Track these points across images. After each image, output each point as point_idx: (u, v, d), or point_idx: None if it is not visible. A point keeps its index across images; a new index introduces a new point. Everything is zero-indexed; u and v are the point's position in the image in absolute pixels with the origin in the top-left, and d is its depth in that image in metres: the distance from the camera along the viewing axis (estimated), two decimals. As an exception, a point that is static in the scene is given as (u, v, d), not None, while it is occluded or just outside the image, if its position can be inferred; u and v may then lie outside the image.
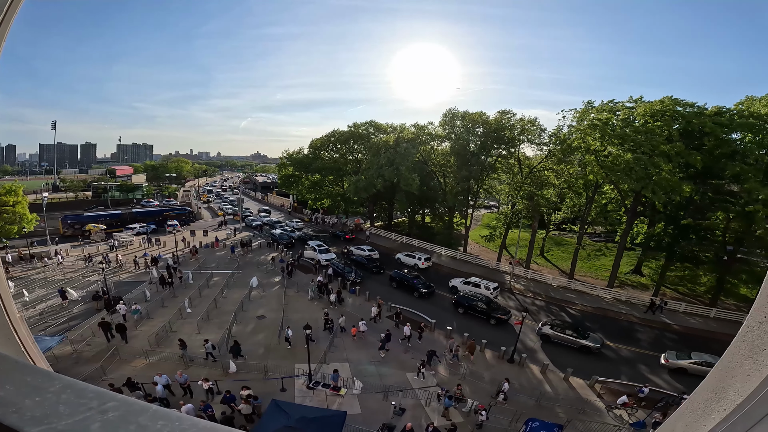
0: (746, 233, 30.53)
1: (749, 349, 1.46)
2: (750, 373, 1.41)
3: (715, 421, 1.49)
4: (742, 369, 1.46)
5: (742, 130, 29.86)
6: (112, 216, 58.53)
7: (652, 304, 31.06)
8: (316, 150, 62.85)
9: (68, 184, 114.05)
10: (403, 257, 41.51)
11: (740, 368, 1.47)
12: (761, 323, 1.42)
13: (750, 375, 1.40)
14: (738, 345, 1.52)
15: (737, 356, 1.53)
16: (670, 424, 1.91)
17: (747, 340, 1.48)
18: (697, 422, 1.61)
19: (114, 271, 36.17)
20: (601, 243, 51.11)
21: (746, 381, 1.41)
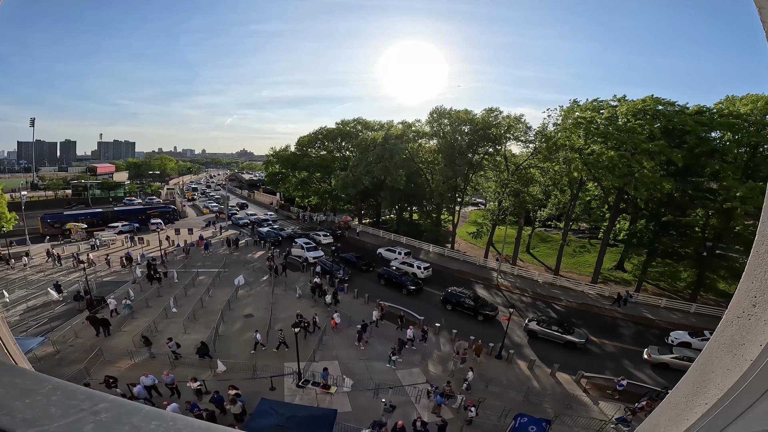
0: (725, 230, 31.41)
1: (728, 344, 1.49)
2: (730, 368, 1.44)
3: (697, 415, 1.55)
4: (722, 364, 1.50)
5: (722, 129, 30.72)
6: (93, 214, 57.07)
7: (618, 296, 32.04)
8: (303, 147, 62.44)
9: (48, 183, 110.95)
10: (384, 252, 42.54)
11: (720, 363, 1.51)
12: (740, 318, 1.45)
13: (730, 370, 1.44)
14: (717, 340, 1.56)
15: (717, 351, 1.57)
16: (654, 419, 1.95)
17: (726, 335, 1.51)
18: (680, 416, 1.67)
19: (95, 271, 35.36)
20: (585, 239, 52.04)
21: (726, 376, 1.44)
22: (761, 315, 1.35)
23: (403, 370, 20.77)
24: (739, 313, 1.45)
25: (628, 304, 31.65)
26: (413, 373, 20.57)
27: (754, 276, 1.38)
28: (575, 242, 50.54)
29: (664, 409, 1.81)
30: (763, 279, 1.33)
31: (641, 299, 32.99)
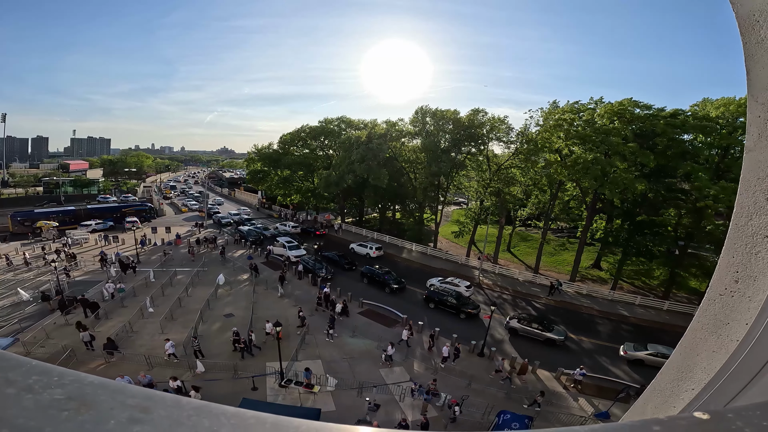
0: (696, 228, 32.53)
1: (712, 324, 1.45)
2: (715, 350, 1.40)
3: (685, 401, 1.51)
4: (707, 345, 1.45)
5: (694, 131, 31.79)
6: (65, 212, 55.07)
7: (551, 286, 33.76)
8: (285, 145, 61.66)
9: (18, 180, 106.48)
10: (356, 247, 43.47)
11: (705, 345, 1.47)
12: (722, 296, 1.40)
13: (715, 352, 1.40)
14: (700, 320, 1.52)
15: (700, 332, 1.52)
16: (639, 407, 1.87)
17: (709, 314, 1.47)
18: (666, 404, 1.63)
19: (67, 270, 34.10)
20: (563, 238, 53.14)
21: (712, 358, 1.41)
22: (745, 291, 1.31)
23: (385, 368, 20.74)
24: (722, 290, 1.41)
25: (561, 292, 33.74)
26: (396, 372, 20.57)
27: (735, 250, 1.35)
28: (554, 241, 51.55)
29: (649, 397, 1.78)
30: (744, 252, 1.31)
31: (569, 290, 34.82)
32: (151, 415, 0.51)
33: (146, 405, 0.52)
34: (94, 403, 0.52)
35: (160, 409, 0.52)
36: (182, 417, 0.51)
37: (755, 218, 1.26)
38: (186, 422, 0.50)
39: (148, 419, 0.50)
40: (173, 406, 0.53)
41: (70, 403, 0.52)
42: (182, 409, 0.52)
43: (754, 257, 1.28)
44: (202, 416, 0.51)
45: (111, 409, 0.51)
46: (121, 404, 0.52)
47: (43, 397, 0.53)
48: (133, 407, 0.52)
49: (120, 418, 0.49)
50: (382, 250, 43.27)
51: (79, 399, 0.53)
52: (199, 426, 0.49)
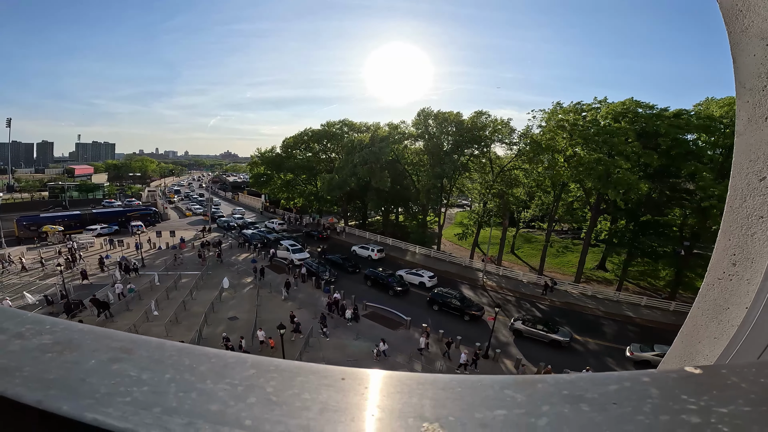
0: (702, 229, 32.30)
1: (712, 310, 1.44)
2: (716, 336, 1.39)
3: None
4: (708, 332, 1.45)
5: (698, 131, 31.66)
6: (70, 217, 55.46)
7: (545, 285, 34.02)
8: (288, 149, 61.92)
9: (24, 184, 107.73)
10: (358, 249, 43.51)
11: (706, 331, 1.46)
12: (720, 280, 1.41)
13: (716, 338, 1.39)
14: (700, 306, 1.52)
15: (701, 318, 1.52)
16: None
17: (709, 299, 1.47)
18: None
19: (73, 274, 34.34)
20: (567, 240, 52.94)
21: (714, 345, 1.39)
22: (743, 274, 1.31)
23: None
24: (720, 275, 1.42)
25: (554, 290, 34.16)
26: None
27: (730, 233, 1.37)
28: (558, 243, 51.35)
29: None
30: (740, 235, 1.32)
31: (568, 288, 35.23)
32: (133, 355, 0.54)
33: (129, 347, 0.55)
34: (79, 346, 0.56)
35: (143, 350, 0.55)
36: (163, 357, 0.53)
37: (749, 200, 1.28)
38: (166, 361, 0.52)
39: (129, 359, 0.53)
40: (156, 348, 0.55)
41: (56, 347, 0.55)
42: (164, 350, 0.55)
43: (750, 239, 1.29)
44: (183, 356, 0.53)
45: (94, 351, 0.54)
46: (105, 347, 0.56)
47: (31, 342, 0.57)
48: (116, 349, 0.55)
49: (101, 358, 0.53)
50: (384, 252, 43.39)
51: (65, 343, 0.57)
52: (179, 363, 0.51)
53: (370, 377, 0.52)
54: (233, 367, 0.51)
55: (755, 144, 1.25)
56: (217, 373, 0.50)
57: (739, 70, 1.29)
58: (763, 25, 1.19)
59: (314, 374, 0.51)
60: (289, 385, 0.48)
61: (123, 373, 0.50)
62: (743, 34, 1.25)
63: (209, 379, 0.49)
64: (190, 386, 0.47)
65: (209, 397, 0.45)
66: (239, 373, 0.50)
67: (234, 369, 0.51)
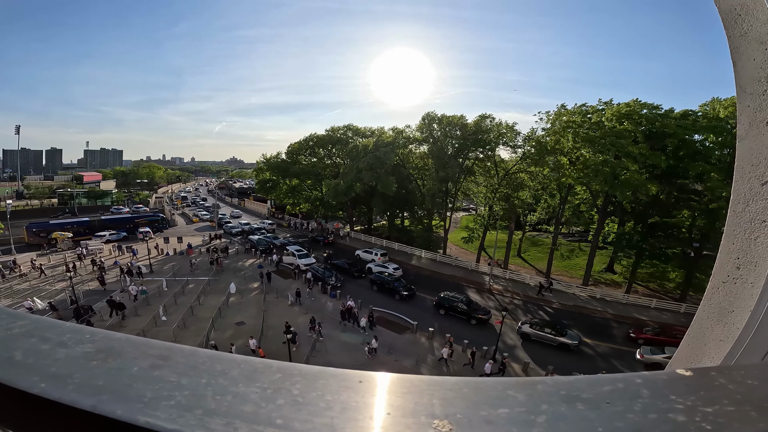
0: (711, 230, 31.97)
1: (717, 313, 1.45)
2: (722, 339, 1.39)
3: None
4: (714, 335, 1.45)
5: (705, 132, 31.39)
6: (79, 223, 56.13)
7: (540, 286, 34.05)
8: (293, 154, 62.23)
9: (33, 191, 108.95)
10: (362, 253, 43.68)
11: (711, 333, 1.46)
12: (725, 283, 1.41)
13: (722, 341, 1.39)
14: (705, 309, 1.52)
15: (706, 321, 1.53)
16: None
17: (714, 302, 1.47)
18: None
19: (82, 280, 34.71)
20: (575, 243, 52.55)
21: (720, 347, 1.39)
22: (747, 277, 1.32)
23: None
24: (724, 278, 1.42)
25: (551, 291, 34.52)
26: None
27: (734, 236, 1.37)
28: (565, 245, 51.00)
29: None
30: (743, 238, 1.33)
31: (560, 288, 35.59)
32: (170, 362, 0.58)
33: (166, 354, 0.60)
34: (120, 353, 0.61)
35: (178, 357, 0.59)
36: (197, 363, 0.58)
37: (752, 204, 1.29)
38: (200, 366, 0.57)
39: (167, 365, 0.57)
40: (190, 355, 0.60)
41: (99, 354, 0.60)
42: (197, 357, 0.60)
43: (754, 243, 1.30)
44: (215, 362, 0.58)
45: (134, 358, 0.59)
46: (144, 354, 0.60)
47: (74, 350, 0.61)
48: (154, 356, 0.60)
49: (143, 364, 0.57)
50: (387, 256, 43.39)
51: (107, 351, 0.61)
52: (212, 369, 0.56)
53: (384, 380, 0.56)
54: (261, 372, 0.56)
55: (757, 148, 1.26)
56: (247, 378, 0.54)
57: (739, 74, 1.30)
58: (762, 29, 1.20)
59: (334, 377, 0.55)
60: (312, 387, 0.53)
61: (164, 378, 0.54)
62: (742, 39, 1.26)
63: (241, 383, 0.53)
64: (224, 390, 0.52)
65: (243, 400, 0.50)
66: (267, 377, 0.54)
67: (262, 374, 0.55)
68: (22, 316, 0.72)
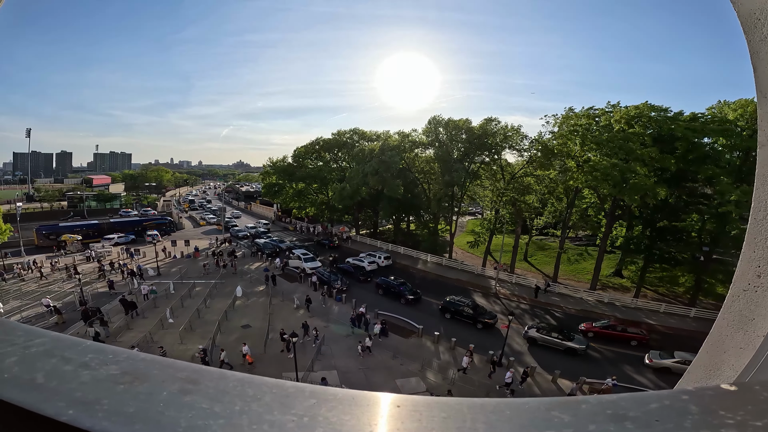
0: (721, 234, 31.53)
1: (738, 321, 1.43)
2: (743, 346, 1.37)
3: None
4: (734, 342, 1.42)
5: (715, 135, 31.04)
6: (88, 226, 56.74)
7: (537, 287, 34.61)
8: (300, 158, 62.53)
9: (43, 194, 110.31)
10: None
11: (732, 341, 1.44)
12: (746, 291, 1.39)
13: (743, 348, 1.37)
14: (725, 317, 1.49)
15: (726, 329, 1.51)
16: None
17: (734, 310, 1.45)
18: None
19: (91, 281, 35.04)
20: (582, 247, 52.09)
21: (740, 355, 1.37)
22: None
23: (401, 378, 20.57)
24: (745, 286, 1.39)
25: (547, 292, 35.34)
26: (412, 382, 20.38)
27: (755, 244, 1.34)
28: (573, 250, 50.57)
29: None
30: (764, 246, 1.30)
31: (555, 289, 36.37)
32: (199, 386, 0.55)
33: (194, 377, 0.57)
34: (147, 376, 0.57)
35: (207, 380, 0.56)
36: (228, 387, 0.55)
37: (774, 211, 1.27)
38: (232, 391, 0.54)
39: (197, 390, 0.54)
40: (219, 378, 0.57)
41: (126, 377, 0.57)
42: (227, 381, 0.57)
43: (776, 251, 1.28)
44: (246, 386, 0.55)
45: (163, 381, 0.56)
46: (172, 377, 0.57)
47: (99, 372, 0.58)
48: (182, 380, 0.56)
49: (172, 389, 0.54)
50: (391, 259, 43.59)
51: (133, 373, 0.58)
52: (244, 394, 0.53)
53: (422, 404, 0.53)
54: (295, 397, 0.53)
55: None
56: (281, 404, 0.51)
57: (759, 79, 1.27)
58: (783, 33, 1.19)
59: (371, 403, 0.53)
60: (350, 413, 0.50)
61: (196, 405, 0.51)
62: (763, 43, 1.22)
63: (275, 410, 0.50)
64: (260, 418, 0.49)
65: (280, 429, 0.46)
66: (301, 403, 0.51)
67: (296, 399, 0.52)
68: (39, 332, 0.70)
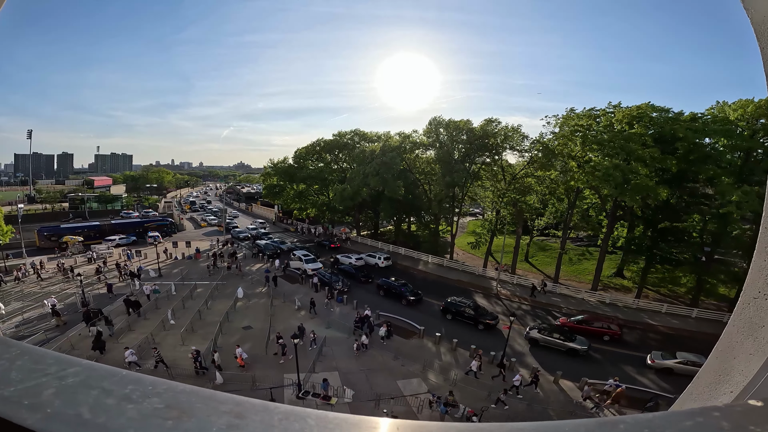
0: (722, 234, 31.49)
1: (748, 328, 1.44)
2: (752, 353, 1.38)
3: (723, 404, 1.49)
4: (744, 348, 1.43)
5: (716, 135, 31.00)
6: (90, 227, 56.78)
7: (533, 287, 35.12)
8: (300, 159, 62.56)
9: (44, 195, 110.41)
10: (366, 257, 44.19)
11: (741, 348, 1.45)
12: (756, 299, 1.40)
13: (752, 354, 1.37)
14: (736, 324, 1.51)
15: (736, 336, 1.51)
16: None
17: (744, 318, 1.46)
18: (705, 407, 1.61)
19: (91, 283, 35.08)
20: (583, 247, 52.05)
21: (750, 361, 1.38)
22: None
23: (403, 380, 20.55)
24: (755, 294, 1.41)
25: (545, 293, 35.50)
26: (413, 383, 20.35)
27: (766, 253, 1.34)
28: (574, 250, 50.54)
29: (685, 401, 1.72)
30: None
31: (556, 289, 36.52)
32: (246, 420, 0.54)
33: (239, 411, 0.56)
34: (192, 410, 0.55)
35: (252, 414, 0.55)
36: (273, 421, 0.54)
37: (786, 220, 1.26)
38: (278, 425, 0.53)
39: (244, 424, 0.53)
40: (263, 411, 0.56)
41: (171, 412, 0.55)
42: (272, 414, 0.56)
43: (787, 259, 1.27)
44: (291, 419, 0.54)
45: (208, 416, 0.54)
46: (216, 411, 0.55)
47: (143, 406, 0.56)
48: (227, 413, 0.55)
49: (219, 424, 0.53)
50: (391, 260, 43.79)
51: (177, 407, 0.56)
52: (289, 428, 0.52)
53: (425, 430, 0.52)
54: (341, 428, 0.51)
55: None
56: None
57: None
58: (796, 39, 1.17)
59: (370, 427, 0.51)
60: None
61: None
62: None
63: None
64: None
65: None
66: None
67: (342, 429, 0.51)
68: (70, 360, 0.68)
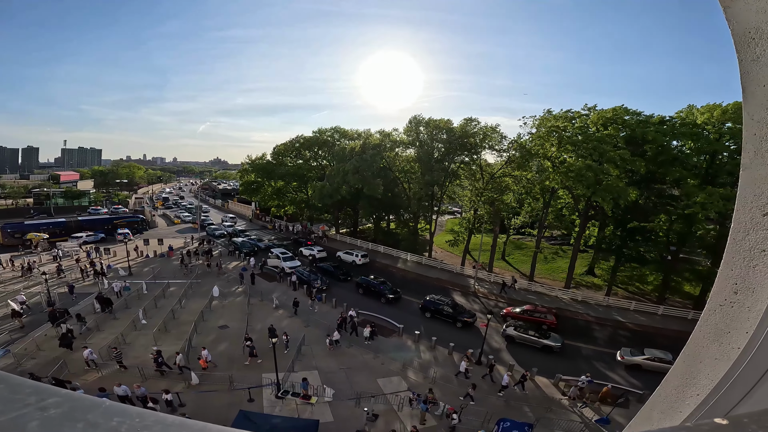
0: (687, 234, 32.91)
1: (713, 333, 1.51)
2: (718, 357, 1.45)
3: (691, 407, 1.54)
4: (709, 353, 1.51)
5: (684, 138, 32.35)
6: (55, 224, 54.33)
7: (503, 284, 36.23)
8: (279, 156, 61.67)
9: (8, 191, 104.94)
10: (343, 255, 44.37)
11: (707, 352, 1.52)
12: (722, 306, 1.46)
13: (718, 359, 1.45)
14: (702, 329, 1.57)
15: (702, 341, 1.58)
16: (645, 413, 1.91)
17: (710, 323, 1.52)
18: (672, 409, 1.66)
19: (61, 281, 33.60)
20: (557, 246, 53.48)
21: (715, 365, 1.45)
22: (744, 302, 1.37)
23: (383, 378, 20.63)
24: (722, 301, 1.46)
25: (514, 289, 36.57)
26: (393, 381, 20.46)
27: (733, 264, 1.40)
28: (548, 249, 51.84)
29: (655, 403, 1.82)
30: (742, 266, 1.36)
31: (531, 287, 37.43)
32: None
33: None
34: None
35: None
36: None
37: (752, 233, 1.33)
38: None
39: None
40: None
41: None
42: None
43: (752, 270, 1.34)
44: None
45: None
46: None
47: None
48: None
49: None
50: (368, 257, 43.82)
51: None
52: None
53: None
54: None
55: (761, 178, 1.28)
56: None
57: (748, 100, 1.28)
58: (776, 54, 1.19)
59: None
60: None
61: None
62: (754, 63, 1.23)
63: None
64: None
65: None
66: None
67: None
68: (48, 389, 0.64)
